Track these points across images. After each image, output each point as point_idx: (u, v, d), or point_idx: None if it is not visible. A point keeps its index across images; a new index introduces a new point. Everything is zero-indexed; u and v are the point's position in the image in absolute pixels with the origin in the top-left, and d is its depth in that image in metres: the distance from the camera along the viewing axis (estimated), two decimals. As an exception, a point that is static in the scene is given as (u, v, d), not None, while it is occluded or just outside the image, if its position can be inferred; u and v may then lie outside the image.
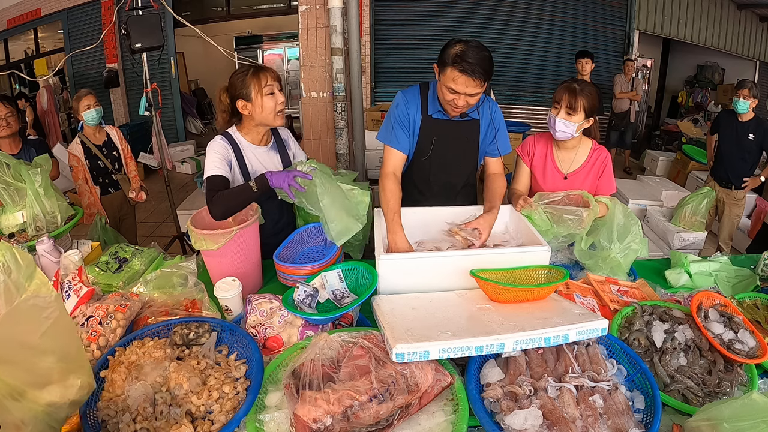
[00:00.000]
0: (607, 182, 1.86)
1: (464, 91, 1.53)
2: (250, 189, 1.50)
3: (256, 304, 1.31)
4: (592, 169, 1.86)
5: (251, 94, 1.59)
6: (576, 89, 1.69)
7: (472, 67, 1.47)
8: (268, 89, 1.59)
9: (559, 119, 1.73)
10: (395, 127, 1.76)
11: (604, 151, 1.87)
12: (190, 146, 6.93)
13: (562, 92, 1.72)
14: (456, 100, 1.57)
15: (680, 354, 1.19)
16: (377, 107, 5.51)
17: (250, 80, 1.58)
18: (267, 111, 1.61)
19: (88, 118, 2.79)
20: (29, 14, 6.83)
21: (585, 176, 1.86)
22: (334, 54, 3.48)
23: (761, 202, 4.27)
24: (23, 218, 1.82)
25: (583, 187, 1.83)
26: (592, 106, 1.71)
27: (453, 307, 1.26)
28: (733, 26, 6.43)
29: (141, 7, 3.24)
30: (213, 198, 1.51)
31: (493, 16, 6.09)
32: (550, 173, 1.89)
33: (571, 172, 1.87)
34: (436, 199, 1.81)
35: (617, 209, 1.62)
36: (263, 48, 9.95)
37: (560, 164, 1.88)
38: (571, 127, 1.72)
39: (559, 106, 1.73)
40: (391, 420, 0.94)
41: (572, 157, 1.87)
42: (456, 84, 1.52)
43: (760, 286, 1.60)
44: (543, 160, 1.90)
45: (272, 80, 1.60)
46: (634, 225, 1.60)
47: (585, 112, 1.71)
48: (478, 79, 1.49)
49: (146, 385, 1.00)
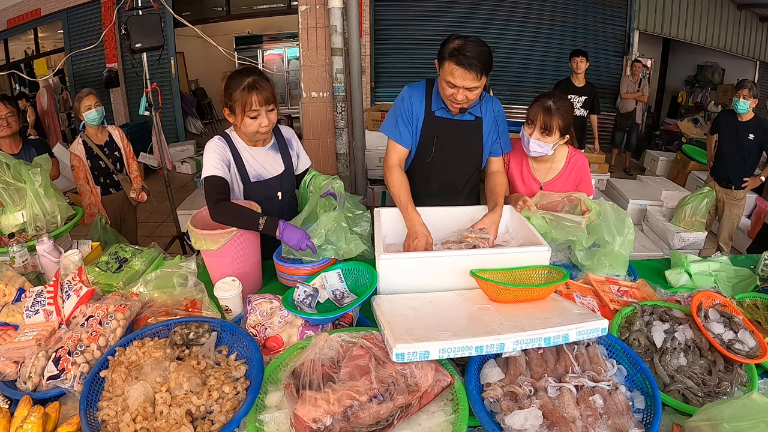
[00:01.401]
0: (586, 188, 1.83)
1: (462, 84, 1.54)
2: (257, 223, 1.46)
3: (256, 304, 1.31)
4: (569, 177, 1.83)
5: (236, 110, 1.54)
6: (551, 108, 1.63)
7: (469, 60, 1.49)
8: (252, 113, 1.53)
9: (533, 140, 1.68)
10: (399, 122, 1.76)
11: (581, 157, 1.83)
12: (190, 146, 6.94)
13: (536, 111, 1.66)
14: (455, 94, 1.58)
15: (680, 354, 1.19)
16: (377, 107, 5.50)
17: (238, 97, 1.52)
18: (247, 130, 1.58)
19: (89, 119, 2.79)
20: (29, 14, 6.83)
21: (563, 184, 1.83)
22: (334, 54, 3.48)
23: (761, 202, 4.27)
24: (23, 218, 1.82)
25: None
26: (567, 124, 1.67)
27: (453, 307, 1.26)
28: (733, 26, 6.43)
29: (141, 7, 3.24)
30: (218, 204, 1.50)
31: (493, 16, 6.09)
32: (527, 183, 1.87)
33: (548, 182, 1.84)
34: (437, 199, 1.81)
35: (608, 208, 1.62)
36: (263, 48, 9.96)
37: (536, 173, 1.86)
38: (546, 147, 1.69)
39: (533, 126, 1.67)
40: (391, 420, 0.94)
41: (548, 167, 1.84)
42: (453, 77, 1.54)
43: (760, 286, 1.60)
44: (519, 169, 1.87)
45: (260, 104, 1.52)
46: (626, 216, 1.61)
47: (560, 131, 1.66)
48: (474, 72, 1.51)
49: (146, 385, 1.00)
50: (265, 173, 1.71)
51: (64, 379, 1.09)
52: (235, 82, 1.53)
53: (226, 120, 1.63)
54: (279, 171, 1.74)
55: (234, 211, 1.50)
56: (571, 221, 1.55)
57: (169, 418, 0.96)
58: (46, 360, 1.13)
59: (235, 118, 1.57)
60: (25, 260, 1.62)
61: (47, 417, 1.01)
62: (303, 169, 1.84)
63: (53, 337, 1.21)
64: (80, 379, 1.09)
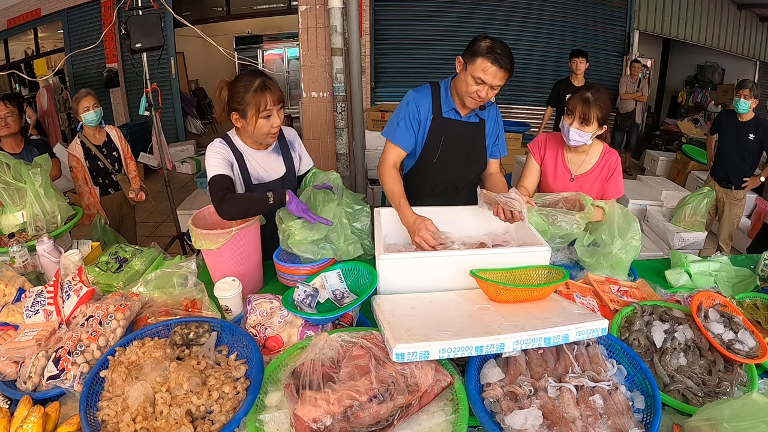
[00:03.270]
0: (614, 186, 1.88)
1: (492, 81, 1.59)
2: (266, 201, 1.48)
3: (256, 304, 1.31)
4: (601, 173, 1.88)
5: (247, 113, 1.53)
6: (590, 100, 1.70)
7: (503, 58, 1.55)
8: (265, 113, 1.53)
9: (573, 129, 1.75)
10: (400, 124, 1.78)
11: (615, 155, 1.88)
12: (190, 146, 6.93)
13: (575, 102, 1.73)
14: (480, 91, 1.62)
15: (680, 354, 1.19)
16: (377, 107, 5.51)
17: (250, 99, 1.51)
18: (259, 132, 1.57)
19: (87, 120, 2.78)
20: (29, 14, 6.83)
21: (594, 179, 1.89)
22: (334, 54, 3.47)
23: (761, 202, 4.27)
24: (23, 218, 1.82)
25: (590, 189, 1.85)
26: (606, 115, 1.73)
27: (453, 307, 1.26)
28: (733, 26, 6.43)
29: (141, 7, 3.24)
30: (225, 197, 1.50)
31: (493, 16, 6.09)
32: (560, 173, 1.92)
33: (579, 175, 1.89)
34: (437, 199, 1.82)
35: (616, 209, 1.64)
36: (263, 48, 9.95)
37: (570, 165, 1.91)
38: (585, 136, 1.75)
39: (573, 116, 1.74)
40: (391, 420, 0.94)
41: (582, 159, 1.89)
42: (485, 74, 1.58)
43: (760, 286, 1.60)
44: (554, 159, 1.93)
45: (273, 104, 1.53)
46: (634, 222, 1.62)
47: (598, 121, 1.72)
48: (506, 71, 1.58)
49: (146, 385, 1.00)
50: (267, 176, 1.71)
51: (64, 379, 1.09)
52: (244, 85, 1.52)
53: (226, 120, 1.63)
54: (281, 173, 1.74)
55: (240, 200, 1.52)
56: (566, 217, 1.56)
57: (169, 418, 0.96)
58: (46, 360, 1.13)
59: (245, 121, 1.56)
60: (25, 260, 1.62)
61: (47, 417, 1.01)
62: (306, 169, 1.85)
63: (53, 337, 1.21)
64: (80, 379, 1.09)
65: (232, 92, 1.56)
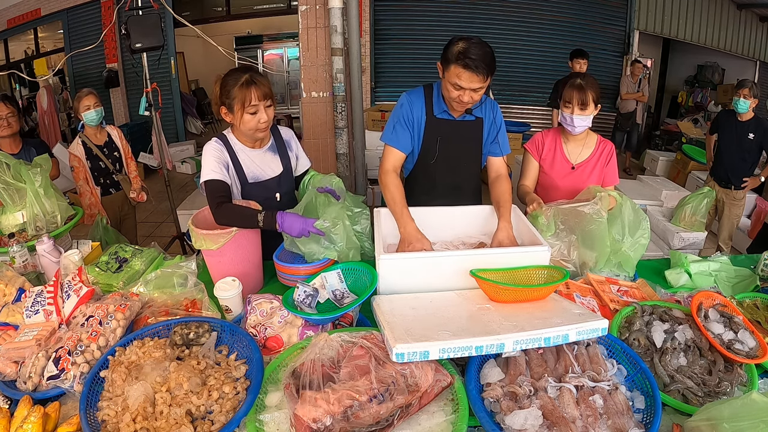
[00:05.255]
0: (612, 172, 1.98)
1: (468, 86, 1.57)
2: (256, 221, 1.46)
3: (256, 304, 1.31)
4: (599, 159, 1.97)
5: (234, 107, 1.53)
6: (582, 85, 1.81)
7: (476, 62, 1.52)
8: (251, 108, 1.53)
9: (576, 116, 1.84)
10: (397, 127, 1.78)
11: (609, 144, 1.99)
12: (190, 146, 6.93)
13: (570, 92, 1.83)
14: (461, 96, 1.61)
15: (680, 354, 1.19)
16: (377, 107, 5.51)
17: (236, 93, 1.51)
18: (245, 127, 1.57)
19: (88, 119, 2.78)
20: (29, 14, 6.83)
21: (593, 167, 1.97)
22: (334, 54, 3.47)
23: (761, 202, 4.27)
24: (23, 218, 1.82)
25: (590, 177, 1.94)
26: (598, 95, 1.85)
27: (453, 307, 1.26)
28: (733, 26, 6.44)
29: (141, 7, 3.24)
30: (220, 206, 1.49)
31: (493, 16, 6.10)
32: (558, 163, 1.98)
33: (580, 163, 1.97)
34: (441, 200, 1.81)
35: (627, 204, 1.63)
36: (263, 48, 9.95)
37: (569, 155, 1.98)
38: (587, 119, 1.86)
39: (571, 105, 1.83)
40: (391, 420, 0.94)
41: (580, 148, 1.98)
42: (460, 80, 1.56)
43: (760, 286, 1.59)
44: (552, 153, 2.00)
45: (258, 99, 1.52)
46: (644, 220, 1.62)
47: (594, 102, 1.83)
48: (481, 75, 1.54)
49: (146, 385, 1.00)
50: (263, 174, 1.71)
51: (64, 379, 1.09)
52: (232, 80, 1.53)
53: (226, 121, 1.63)
54: (277, 172, 1.74)
55: (234, 212, 1.50)
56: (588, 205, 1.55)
57: (169, 418, 0.96)
58: (46, 360, 1.13)
59: (233, 116, 1.57)
60: (25, 260, 1.62)
61: (47, 417, 1.01)
62: (303, 170, 1.84)
63: (53, 337, 1.21)
64: (80, 379, 1.09)
65: (222, 86, 1.57)
